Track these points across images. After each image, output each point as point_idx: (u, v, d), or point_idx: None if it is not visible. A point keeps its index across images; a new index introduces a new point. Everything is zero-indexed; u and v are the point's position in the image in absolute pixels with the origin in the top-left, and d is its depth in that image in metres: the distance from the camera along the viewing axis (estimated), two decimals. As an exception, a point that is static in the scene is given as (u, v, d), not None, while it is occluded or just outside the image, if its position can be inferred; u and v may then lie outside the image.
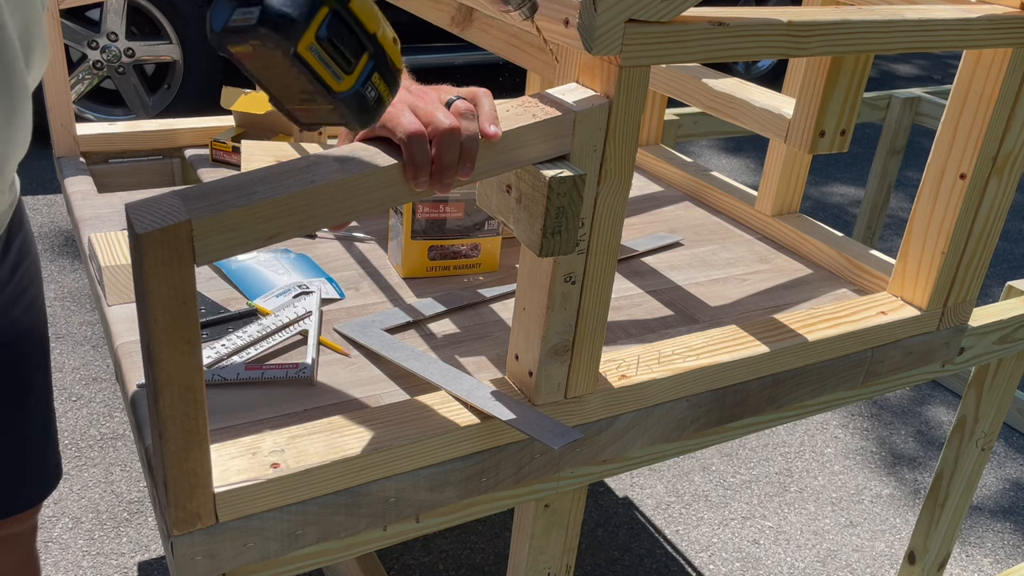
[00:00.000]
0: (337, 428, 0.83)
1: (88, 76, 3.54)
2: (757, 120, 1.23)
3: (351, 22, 0.57)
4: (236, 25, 0.54)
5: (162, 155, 1.52)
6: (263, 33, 0.53)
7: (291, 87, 0.58)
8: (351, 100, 0.58)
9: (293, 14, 0.53)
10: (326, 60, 0.56)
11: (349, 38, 0.57)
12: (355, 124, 0.60)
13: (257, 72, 0.58)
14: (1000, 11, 0.98)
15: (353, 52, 0.57)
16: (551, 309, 0.83)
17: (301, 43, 0.54)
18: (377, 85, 0.60)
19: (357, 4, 0.57)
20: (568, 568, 1.03)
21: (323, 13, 0.55)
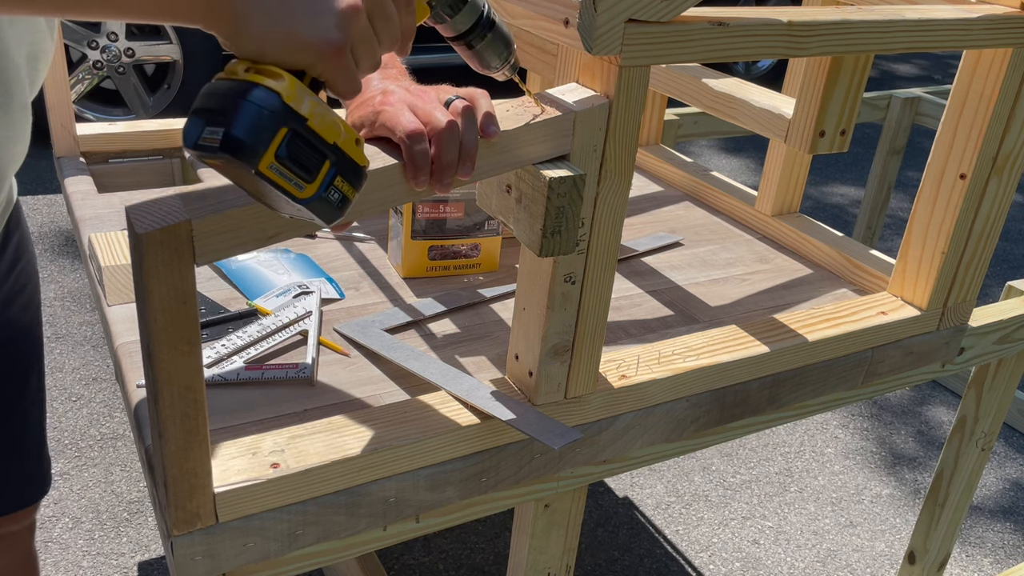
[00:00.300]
0: (337, 428, 0.83)
1: (88, 76, 3.54)
2: (757, 120, 1.23)
3: (310, 138, 0.60)
4: (203, 144, 0.58)
5: (162, 155, 1.52)
6: (226, 157, 0.58)
7: (263, 194, 0.62)
8: (315, 205, 0.62)
9: (250, 142, 0.57)
10: (287, 175, 0.60)
11: (308, 152, 0.61)
12: (321, 223, 0.64)
13: (231, 177, 0.63)
14: (1000, 11, 0.98)
15: (313, 164, 0.61)
16: (551, 309, 0.83)
17: (262, 163, 0.58)
18: (340, 187, 0.63)
19: (315, 121, 0.60)
20: (568, 568, 1.03)
21: (282, 134, 0.59)
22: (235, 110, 0.57)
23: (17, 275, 1.00)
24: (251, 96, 0.58)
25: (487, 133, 0.73)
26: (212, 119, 0.58)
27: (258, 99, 0.58)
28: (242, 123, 0.57)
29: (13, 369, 1.02)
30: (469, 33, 0.72)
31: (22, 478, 1.09)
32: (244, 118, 0.57)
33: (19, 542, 1.14)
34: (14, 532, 1.11)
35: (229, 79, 0.59)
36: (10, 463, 1.06)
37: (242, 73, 0.59)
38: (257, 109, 0.58)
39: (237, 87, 0.58)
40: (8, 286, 0.98)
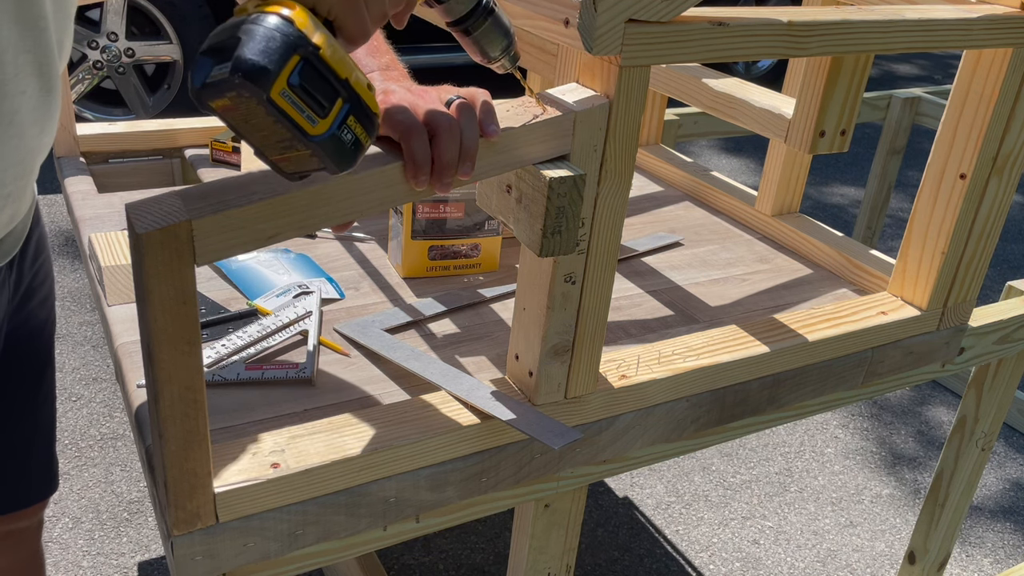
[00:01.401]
0: (337, 428, 0.83)
1: (88, 76, 3.54)
2: (757, 120, 1.23)
3: (322, 69, 0.59)
4: (214, 79, 0.57)
5: (162, 155, 1.52)
6: (237, 82, 0.56)
7: (269, 136, 0.60)
8: (327, 143, 0.60)
9: (263, 62, 0.56)
10: (300, 105, 0.58)
11: (321, 84, 0.59)
12: (334, 167, 0.62)
13: (238, 124, 0.60)
14: (1000, 11, 0.98)
15: (326, 97, 0.60)
16: (551, 309, 0.83)
17: (273, 89, 0.57)
18: (353, 128, 0.62)
19: (328, 52, 0.59)
20: (568, 568, 1.03)
21: (294, 61, 0.57)
22: (247, 36, 0.56)
23: (37, 271, 1.01)
24: (262, 21, 0.57)
25: (487, 133, 0.73)
26: (222, 56, 0.57)
27: (269, 23, 0.57)
28: (254, 45, 0.56)
29: (29, 366, 1.03)
30: (467, 18, 0.72)
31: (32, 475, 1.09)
32: (256, 41, 0.56)
33: (27, 539, 1.14)
34: (23, 529, 1.12)
35: (237, 17, 0.59)
36: (22, 460, 1.06)
37: (252, 8, 0.59)
38: (268, 31, 0.57)
39: (247, 18, 0.58)
40: (28, 281, 0.99)
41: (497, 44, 0.74)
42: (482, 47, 0.74)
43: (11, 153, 0.80)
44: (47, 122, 0.85)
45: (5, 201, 0.83)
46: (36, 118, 0.83)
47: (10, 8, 0.75)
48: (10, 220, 0.87)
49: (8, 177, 0.81)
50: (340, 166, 0.62)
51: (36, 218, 1.01)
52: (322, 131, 0.59)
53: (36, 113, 0.82)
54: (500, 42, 0.74)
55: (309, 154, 0.61)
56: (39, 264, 1.02)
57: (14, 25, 0.76)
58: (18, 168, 0.82)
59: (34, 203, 0.97)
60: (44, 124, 0.85)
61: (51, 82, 0.84)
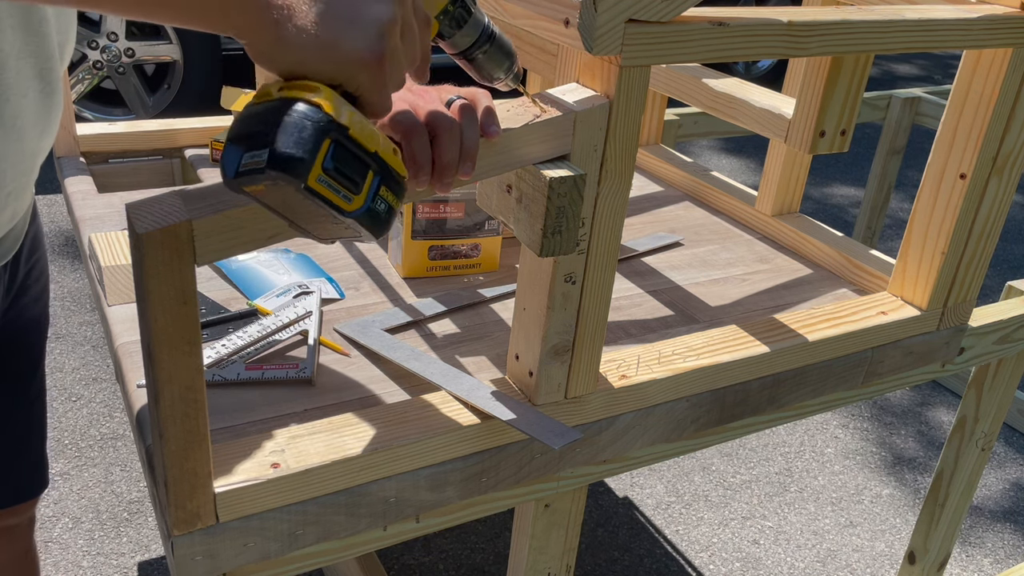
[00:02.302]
0: (337, 428, 0.83)
1: (88, 76, 3.54)
2: (757, 120, 1.23)
3: (352, 148, 0.60)
4: (247, 168, 0.57)
5: (162, 155, 1.52)
6: (274, 175, 0.56)
7: (305, 215, 0.61)
8: (363, 217, 0.61)
9: (299, 154, 0.56)
10: (335, 187, 0.59)
11: (353, 162, 0.60)
12: (371, 236, 0.63)
13: (273, 205, 0.61)
14: (1000, 11, 0.98)
15: (359, 173, 0.60)
16: (551, 309, 0.83)
17: (310, 177, 0.57)
18: (386, 197, 0.62)
19: (356, 129, 0.60)
20: (568, 568, 1.03)
21: (326, 145, 0.58)
22: (279, 126, 0.57)
23: (32, 267, 1.02)
24: (293, 110, 0.57)
25: (488, 133, 0.73)
26: (253, 143, 0.57)
27: (300, 112, 0.57)
28: (288, 137, 0.56)
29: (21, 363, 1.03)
30: (471, 48, 0.73)
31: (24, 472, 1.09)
32: (289, 132, 0.56)
33: (19, 536, 1.15)
34: (13, 526, 1.12)
35: (263, 102, 0.59)
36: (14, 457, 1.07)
37: (276, 93, 0.59)
38: (300, 122, 0.57)
39: (275, 106, 0.58)
40: (21, 277, 1.00)
41: (500, 67, 0.76)
42: (485, 71, 0.76)
43: (13, 155, 0.81)
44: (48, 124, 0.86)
45: (6, 200, 0.83)
46: (37, 120, 0.83)
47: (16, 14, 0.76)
48: (10, 219, 0.88)
49: (9, 177, 0.82)
50: (376, 235, 0.63)
51: (33, 215, 1.01)
52: (358, 207, 0.60)
53: (37, 116, 0.83)
54: (503, 64, 0.76)
55: (345, 227, 0.62)
56: (34, 261, 1.03)
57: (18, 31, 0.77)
58: (19, 168, 0.83)
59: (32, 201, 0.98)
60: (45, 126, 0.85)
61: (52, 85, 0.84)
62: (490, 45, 0.74)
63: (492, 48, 0.74)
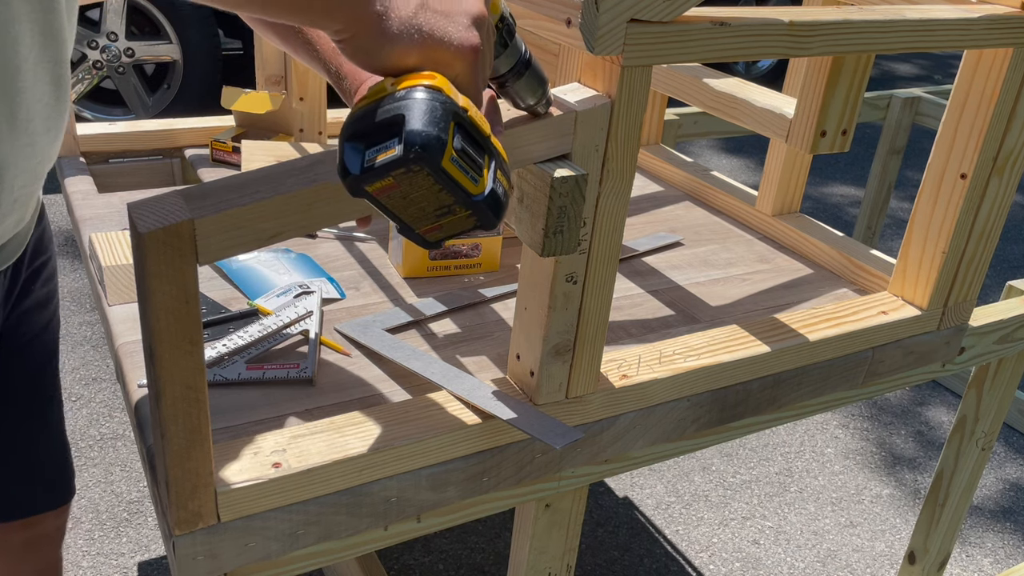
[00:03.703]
0: (338, 428, 0.83)
1: (88, 76, 3.54)
2: (758, 120, 1.23)
3: (472, 130, 0.60)
4: (375, 162, 0.56)
5: (162, 155, 1.52)
6: (411, 157, 0.56)
7: (428, 207, 0.60)
8: (489, 199, 0.61)
9: (435, 132, 0.56)
10: (464, 168, 0.59)
11: (474, 144, 0.60)
12: (493, 221, 0.63)
13: (394, 203, 0.60)
14: (1000, 11, 0.98)
15: (480, 155, 0.61)
16: (552, 309, 0.83)
17: (445, 157, 0.57)
18: (502, 181, 0.63)
19: (473, 112, 0.60)
20: (569, 568, 1.03)
21: (452, 126, 0.58)
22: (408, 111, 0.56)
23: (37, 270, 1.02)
24: (416, 95, 0.57)
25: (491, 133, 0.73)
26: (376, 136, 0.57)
27: (425, 95, 0.57)
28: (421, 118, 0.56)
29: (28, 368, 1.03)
30: (508, 73, 0.73)
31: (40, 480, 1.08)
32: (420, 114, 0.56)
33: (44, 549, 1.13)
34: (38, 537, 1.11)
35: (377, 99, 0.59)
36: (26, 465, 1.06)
37: (390, 87, 0.59)
38: (430, 103, 0.57)
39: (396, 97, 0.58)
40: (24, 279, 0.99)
41: (534, 94, 0.75)
42: (520, 97, 0.75)
43: (24, 160, 0.81)
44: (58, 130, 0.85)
45: (12, 207, 0.83)
46: (49, 126, 0.83)
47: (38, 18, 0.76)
48: (14, 226, 0.87)
49: (18, 183, 0.81)
50: (496, 220, 0.63)
51: (41, 216, 1.01)
52: (483, 189, 0.60)
53: (49, 121, 0.83)
54: (536, 92, 0.75)
55: (468, 215, 0.61)
56: (39, 264, 1.02)
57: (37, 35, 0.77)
58: (28, 175, 0.83)
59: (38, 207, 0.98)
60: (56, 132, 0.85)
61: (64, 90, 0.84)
62: (526, 72, 0.74)
63: (528, 75, 0.74)
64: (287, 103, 1.52)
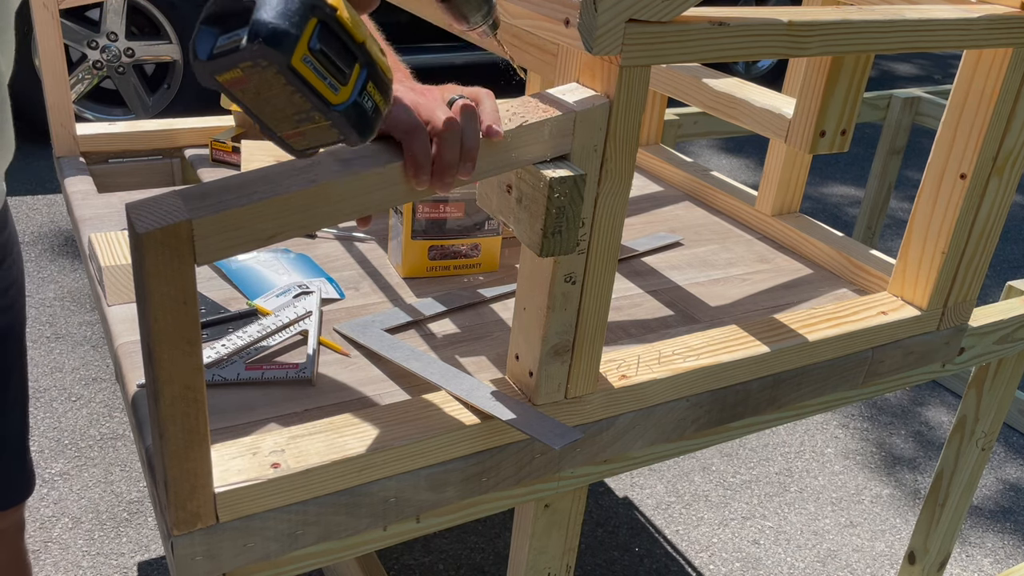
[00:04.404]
0: (337, 428, 0.83)
1: (88, 76, 3.54)
2: (757, 120, 1.23)
3: (340, 32, 0.55)
4: (224, 48, 0.52)
5: (162, 155, 1.52)
6: (255, 50, 0.51)
7: (284, 109, 0.56)
8: (351, 111, 0.56)
9: (284, 25, 0.52)
10: (321, 72, 0.54)
11: (340, 48, 0.55)
12: (355, 137, 0.58)
13: (248, 99, 0.56)
14: (1000, 11, 0.98)
15: (346, 63, 0.56)
16: (551, 309, 0.83)
17: (295, 55, 0.52)
18: (372, 95, 0.58)
19: (345, 14, 0.56)
20: (568, 568, 1.03)
21: (312, 23, 0.54)
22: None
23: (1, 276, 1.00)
24: None
25: (490, 133, 0.73)
26: (231, 23, 0.52)
27: None
28: (270, 8, 0.51)
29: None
30: None
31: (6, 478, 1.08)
32: (272, 3, 0.52)
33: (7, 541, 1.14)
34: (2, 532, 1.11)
35: None
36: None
37: None
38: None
39: None
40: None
41: (478, 10, 0.75)
42: (462, 12, 0.74)
43: None
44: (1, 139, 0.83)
45: None
46: None
47: None
48: None
49: None
50: (363, 135, 0.58)
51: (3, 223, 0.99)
52: (344, 99, 0.56)
53: None
54: (480, 8, 0.75)
55: (328, 125, 0.57)
56: (4, 269, 1.01)
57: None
58: None
59: None
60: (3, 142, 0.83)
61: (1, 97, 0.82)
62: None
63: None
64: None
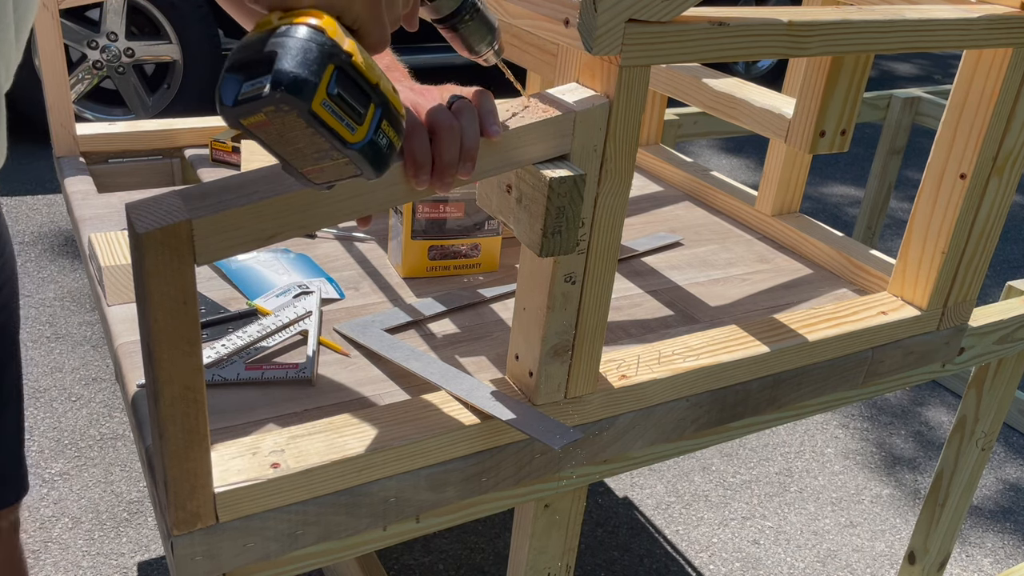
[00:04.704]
0: (337, 428, 0.83)
1: (88, 76, 3.54)
2: (757, 120, 1.23)
3: (356, 76, 0.59)
4: (248, 95, 0.56)
5: (162, 155, 1.52)
6: (278, 97, 0.55)
7: (305, 149, 0.59)
8: (367, 149, 0.60)
9: (304, 75, 0.55)
10: (339, 114, 0.58)
11: (356, 91, 0.59)
12: (372, 172, 0.62)
13: (271, 140, 0.59)
14: (1000, 11, 0.98)
15: (361, 104, 0.60)
16: (551, 309, 0.83)
17: (315, 100, 0.56)
18: (387, 132, 0.61)
19: (359, 58, 0.59)
20: (568, 568, 1.03)
21: (330, 70, 0.57)
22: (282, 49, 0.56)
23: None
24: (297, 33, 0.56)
25: (489, 133, 0.73)
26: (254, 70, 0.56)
27: (305, 35, 0.56)
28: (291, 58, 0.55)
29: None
30: (453, 16, 0.74)
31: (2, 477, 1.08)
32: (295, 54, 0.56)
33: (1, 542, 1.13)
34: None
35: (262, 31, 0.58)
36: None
37: (276, 21, 0.58)
38: (306, 44, 0.56)
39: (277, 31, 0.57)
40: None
41: (482, 39, 0.77)
42: (468, 43, 0.77)
43: None
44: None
45: None
46: None
47: None
48: None
49: None
50: (378, 170, 0.62)
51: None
52: (360, 138, 0.59)
53: None
54: (485, 37, 0.76)
55: (346, 162, 0.60)
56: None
57: None
58: None
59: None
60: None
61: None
62: (473, 16, 0.74)
63: (475, 20, 0.75)
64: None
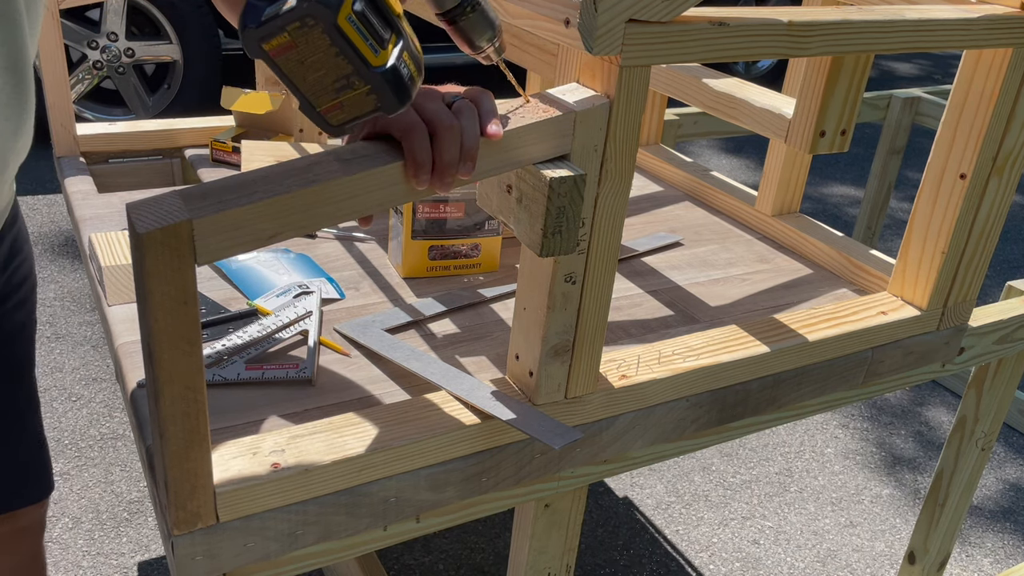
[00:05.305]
0: (337, 428, 0.83)
1: (88, 76, 3.54)
2: (757, 120, 1.23)
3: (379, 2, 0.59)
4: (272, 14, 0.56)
5: (162, 155, 1.52)
6: (305, 7, 0.55)
7: (326, 77, 0.59)
8: (390, 74, 0.59)
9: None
10: (364, 32, 0.57)
11: (379, 15, 0.59)
12: (393, 101, 0.61)
13: (292, 68, 0.59)
14: (1000, 11, 0.98)
15: (384, 28, 0.59)
16: (551, 309, 0.83)
17: (340, 13, 0.55)
18: (408, 64, 0.61)
19: None
20: (568, 568, 1.03)
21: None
22: None
23: (13, 271, 1.00)
24: None
25: (489, 133, 0.73)
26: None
27: None
28: None
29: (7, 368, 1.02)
30: (454, 10, 0.74)
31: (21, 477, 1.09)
32: None
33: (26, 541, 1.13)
34: (20, 530, 1.11)
35: None
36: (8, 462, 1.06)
37: None
38: None
39: None
40: (3, 281, 0.98)
41: (483, 35, 0.77)
42: (468, 37, 0.77)
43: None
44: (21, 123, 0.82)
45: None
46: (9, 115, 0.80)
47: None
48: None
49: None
50: (401, 101, 0.61)
51: (11, 220, 0.99)
52: (384, 61, 0.58)
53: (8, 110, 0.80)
54: (485, 33, 0.77)
55: (367, 91, 0.59)
56: (15, 266, 1.01)
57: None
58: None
59: (11, 204, 0.96)
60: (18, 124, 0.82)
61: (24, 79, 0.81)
62: (474, 11, 0.75)
63: (476, 15, 0.75)
64: (287, 103, 1.52)
